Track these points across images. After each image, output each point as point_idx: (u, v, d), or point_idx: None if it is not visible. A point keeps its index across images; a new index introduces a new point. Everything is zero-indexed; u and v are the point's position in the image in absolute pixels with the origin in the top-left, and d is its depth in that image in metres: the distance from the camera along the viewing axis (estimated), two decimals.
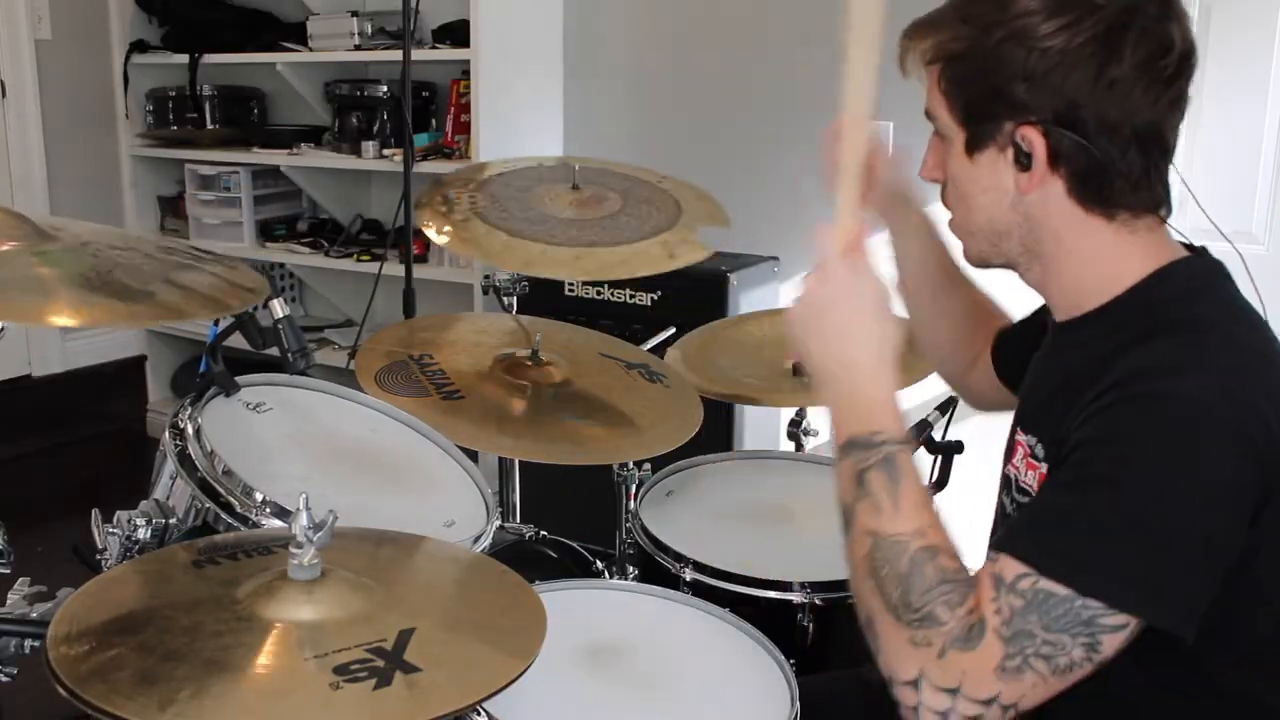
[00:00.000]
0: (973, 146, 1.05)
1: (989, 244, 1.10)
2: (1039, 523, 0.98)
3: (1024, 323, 1.33)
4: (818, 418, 2.00)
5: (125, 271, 1.21)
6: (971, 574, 0.98)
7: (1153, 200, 1.05)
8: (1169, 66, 1.00)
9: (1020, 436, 1.14)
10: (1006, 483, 1.16)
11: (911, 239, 1.36)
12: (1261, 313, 1.07)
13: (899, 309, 1.11)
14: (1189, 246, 1.10)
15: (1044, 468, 1.06)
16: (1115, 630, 0.91)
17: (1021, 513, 1.05)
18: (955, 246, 1.22)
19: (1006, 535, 0.98)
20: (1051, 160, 1.02)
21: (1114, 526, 0.92)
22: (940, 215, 1.21)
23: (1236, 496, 0.93)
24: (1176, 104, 1.02)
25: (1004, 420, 1.23)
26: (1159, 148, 1.03)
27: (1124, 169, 1.01)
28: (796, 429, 1.96)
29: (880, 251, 1.11)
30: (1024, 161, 1.02)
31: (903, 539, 0.98)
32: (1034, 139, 1.01)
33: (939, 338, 1.42)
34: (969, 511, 1.29)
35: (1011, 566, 0.94)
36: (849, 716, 1.35)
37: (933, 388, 1.70)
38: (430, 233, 1.72)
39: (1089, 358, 1.02)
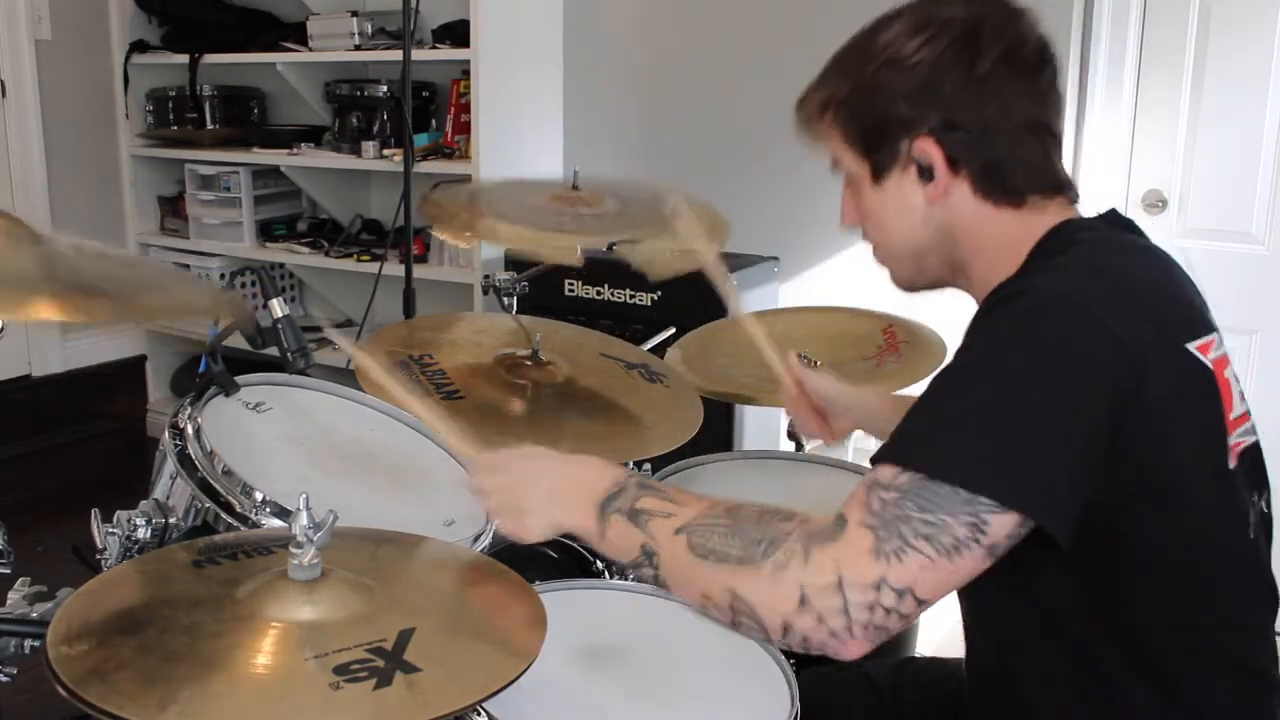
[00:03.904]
0: (878, 174, 1.12)
1: (913, 265, 1.16)
2: (911, 427, 0.99)
3: None
4: None
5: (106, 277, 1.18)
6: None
7: (1056, 182, 1.11)
8: (1029, 59, 1.08)
9: None
10: None
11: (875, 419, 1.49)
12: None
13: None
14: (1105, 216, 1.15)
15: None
16: (996, 515, 0.91)
17: (897, 426, 1.05)
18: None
19: (884, 446, 0.99)
20: (950, 164, 1.07)
21: (982, 417, 0.94)
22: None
23: (1097, 388, 0.94)
24: (1050, 94, 1.09)
25: None
26: (1049, 134, 1.09)
27: (1021, 158, 1.08)
28: (796, 429, 1.95)
29: None
30: (926, 174, 1.09)
31: (704, 511, 1.01)
32: (929, 148, 1.07)
33: None
34: None
35: (887, 470, 0.95)
36: (849, 716, 1.36)
37: None
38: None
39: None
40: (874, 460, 0.98)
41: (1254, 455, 1.08)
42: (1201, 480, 1.01)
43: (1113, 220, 1.13)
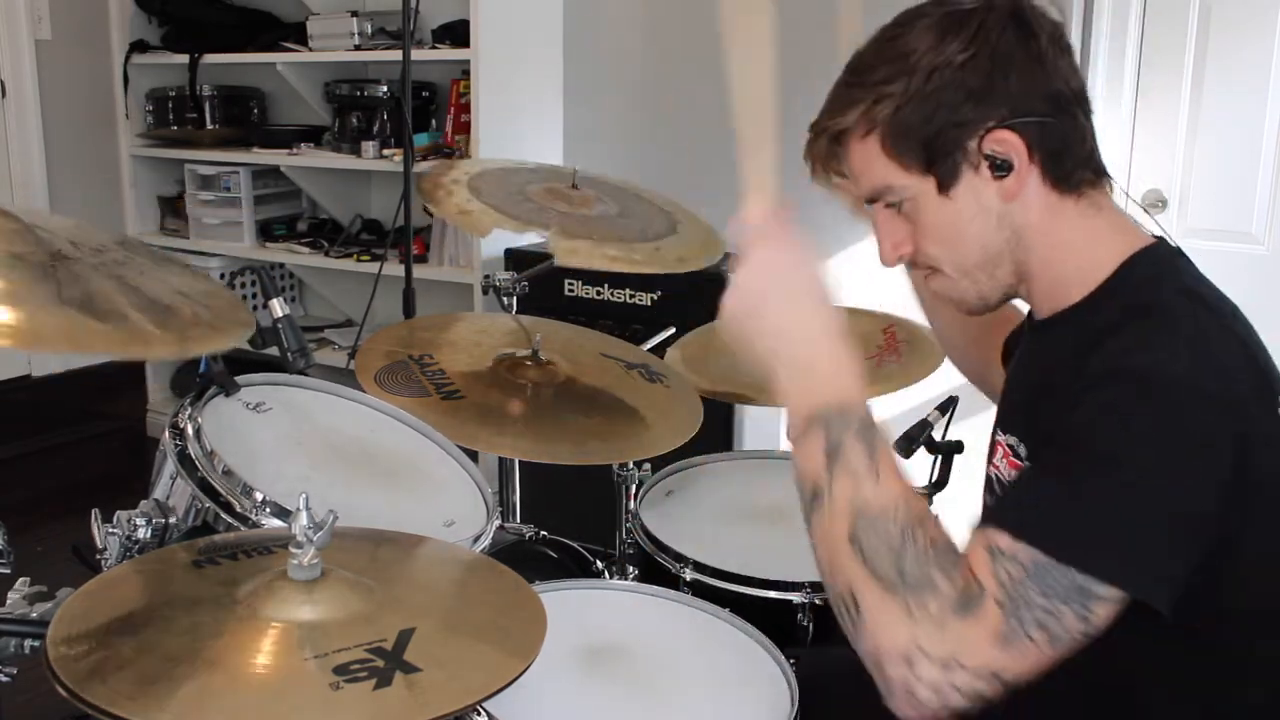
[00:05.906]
0: (947, 184, 1.07)
1: (987, 278, 1.12)
2: (1030, 499, 0.98)
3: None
4: None
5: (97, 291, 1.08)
6: (955, 542, 0.98)
7: (1100, 165, 1.10)
8: (1064, 35, 1.08)
9: (1000, 437, 1.15)
10: (989, 483, 1.17)
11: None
12: (1259, 311, 1.09)
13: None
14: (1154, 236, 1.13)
15: (1027, 466, 1.07)
16: (1105, 600, 0.92)
17: (1009, 491, 1.04)
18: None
19: (997, 511, 0.99)
20: (1029, 151, 1.05)
21: (1102, 502, 0.93)
22: None
23: (1215, 462, 0.94)
24: (1079, 68, 1.09)
25: None
26: (1089, 108, 1.09)
27: (1078, 135, 1.07)
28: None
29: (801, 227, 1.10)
30: (1002, 168, 1.06)
31: (889, 507, 0.97)
32: (1006, 139, 1.04)
33: (957, 343, 1.49)
34: (969, 512, 1.28)
35: (1006, 539, 0.94)
36: (848, 716, 1.36)
37: (933, 388, 1.70)
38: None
39: (1068, 352, 1.04)
40: (988, 521, 0.96)
41: None
42: None
43: (1171, 252, 1.10)
